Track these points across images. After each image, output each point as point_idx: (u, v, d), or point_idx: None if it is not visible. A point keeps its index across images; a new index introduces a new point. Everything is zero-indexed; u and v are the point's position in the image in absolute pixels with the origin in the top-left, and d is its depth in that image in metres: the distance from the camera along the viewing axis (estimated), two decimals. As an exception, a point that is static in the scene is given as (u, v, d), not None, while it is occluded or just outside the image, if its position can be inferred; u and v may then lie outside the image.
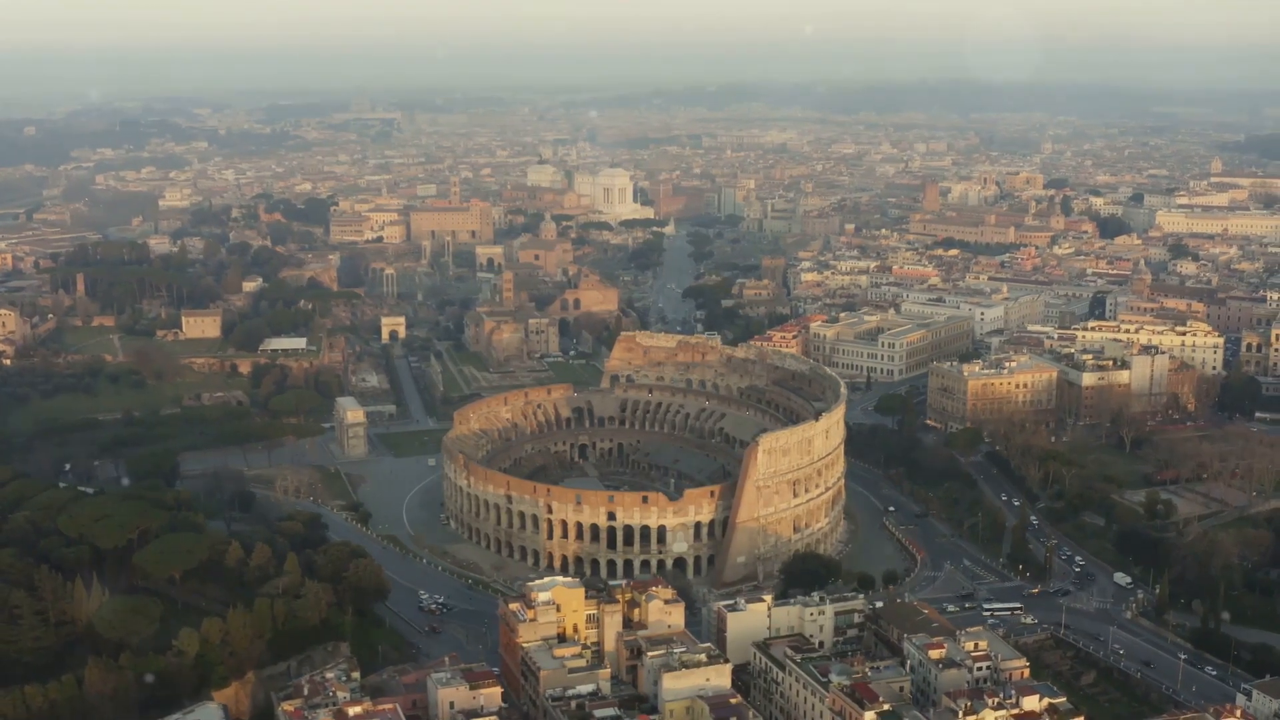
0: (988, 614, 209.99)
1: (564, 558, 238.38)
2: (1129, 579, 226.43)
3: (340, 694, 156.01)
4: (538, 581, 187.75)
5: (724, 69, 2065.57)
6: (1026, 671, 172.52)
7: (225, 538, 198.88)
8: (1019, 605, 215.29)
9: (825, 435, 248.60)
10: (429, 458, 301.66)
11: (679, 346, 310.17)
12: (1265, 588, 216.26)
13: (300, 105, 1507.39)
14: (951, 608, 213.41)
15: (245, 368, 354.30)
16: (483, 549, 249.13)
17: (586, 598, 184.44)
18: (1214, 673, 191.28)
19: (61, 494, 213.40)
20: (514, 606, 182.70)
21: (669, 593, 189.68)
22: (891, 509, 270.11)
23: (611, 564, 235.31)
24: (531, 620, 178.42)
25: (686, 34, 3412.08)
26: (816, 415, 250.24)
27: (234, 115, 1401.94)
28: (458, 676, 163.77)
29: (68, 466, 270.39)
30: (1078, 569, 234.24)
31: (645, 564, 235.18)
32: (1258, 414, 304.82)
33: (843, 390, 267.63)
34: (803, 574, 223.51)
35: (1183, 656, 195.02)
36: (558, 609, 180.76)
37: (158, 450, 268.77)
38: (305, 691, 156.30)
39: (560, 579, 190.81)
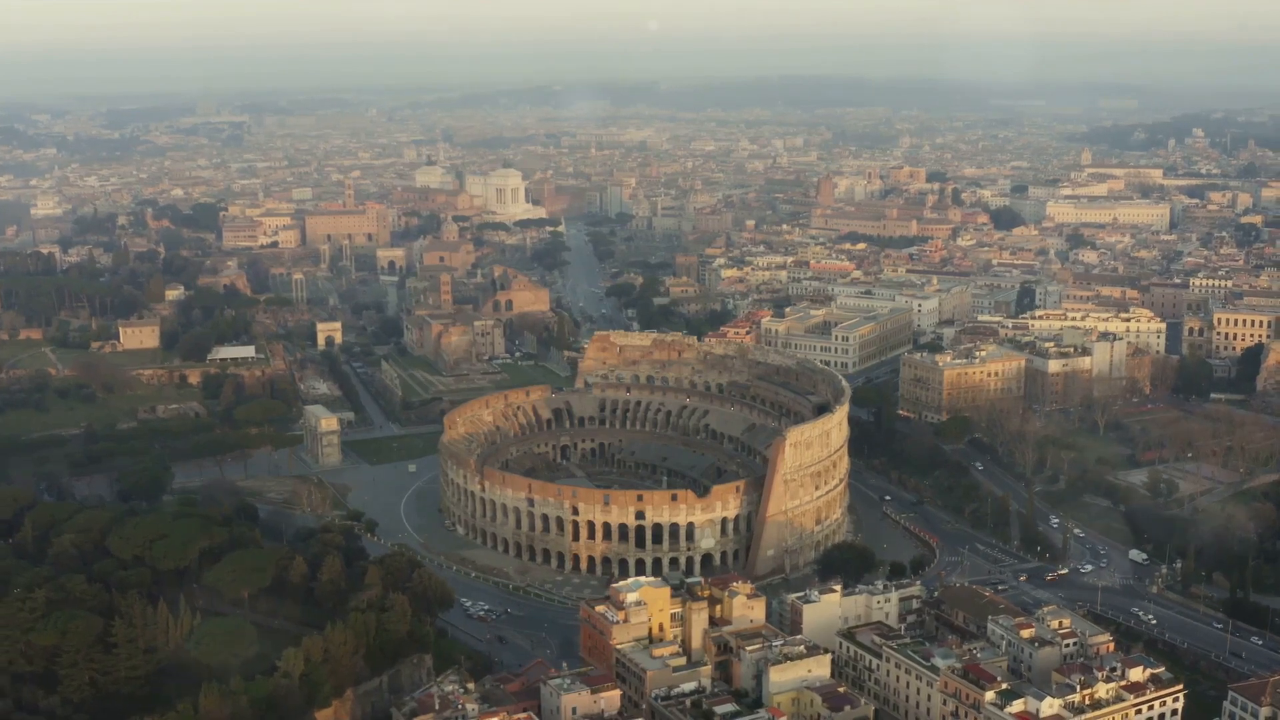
0: None
1: (590, 558, 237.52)
2: (1144, 555, 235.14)
3: (470, 706, 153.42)
4: (622, 583, 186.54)
5: (565, 67, 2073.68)
6: (1112, 645, 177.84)
7: (289, 553, 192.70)
8: None
9: (839, 428, 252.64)
10: (409, 463, 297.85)
11: (654, 344, 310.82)
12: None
13: (142, 109, 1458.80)
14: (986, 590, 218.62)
15: (195, 378, 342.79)
16: (500, 553, 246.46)
17: (672, 597, 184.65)
18: (1260, 641, 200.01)
19: (99, 515, 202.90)
20: (600, 608, 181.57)
21: (749, 588, 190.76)
22: (887, 498, 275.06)
23: (640, 562, 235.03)
24: (624, 621, 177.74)
25: (522, 33, 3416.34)
26: (830, 408, 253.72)
27: (76, 121, 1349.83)
28: (577, 681, 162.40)
29: (43, 485, 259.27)
30: (1093, 548, 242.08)
31: (674, 561, 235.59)
32: (1212, 395, 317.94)
33: (844, 384, 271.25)
34: (840, 564, 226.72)
35: (1218, 625, 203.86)
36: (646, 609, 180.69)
37: (151, 464, 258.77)
38: (436, 705, 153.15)
39: (644, 579, 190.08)
